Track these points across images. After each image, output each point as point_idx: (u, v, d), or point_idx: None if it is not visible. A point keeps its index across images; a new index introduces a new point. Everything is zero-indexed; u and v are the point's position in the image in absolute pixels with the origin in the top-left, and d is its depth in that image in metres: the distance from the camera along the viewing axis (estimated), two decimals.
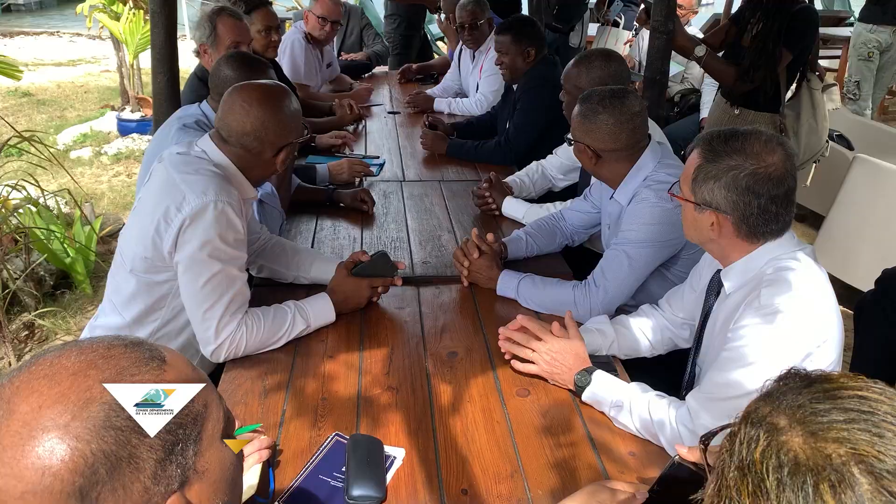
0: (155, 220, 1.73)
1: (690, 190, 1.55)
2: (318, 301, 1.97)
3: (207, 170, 1.78)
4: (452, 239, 2.58)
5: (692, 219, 1.57)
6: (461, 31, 4.23)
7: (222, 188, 1.75)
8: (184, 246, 1.72)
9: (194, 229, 1.71)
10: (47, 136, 6.96)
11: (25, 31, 15.88)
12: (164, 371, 0.74)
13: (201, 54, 2.85)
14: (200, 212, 1.70)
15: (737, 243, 1.54)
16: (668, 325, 1.89)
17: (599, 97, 2.02)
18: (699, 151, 1.53)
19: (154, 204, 1.76)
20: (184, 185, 1.73)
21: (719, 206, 1.50)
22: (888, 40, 5.39)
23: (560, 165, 2.93)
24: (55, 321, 3.68)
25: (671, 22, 2.89)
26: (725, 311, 1.60)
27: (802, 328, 1.40)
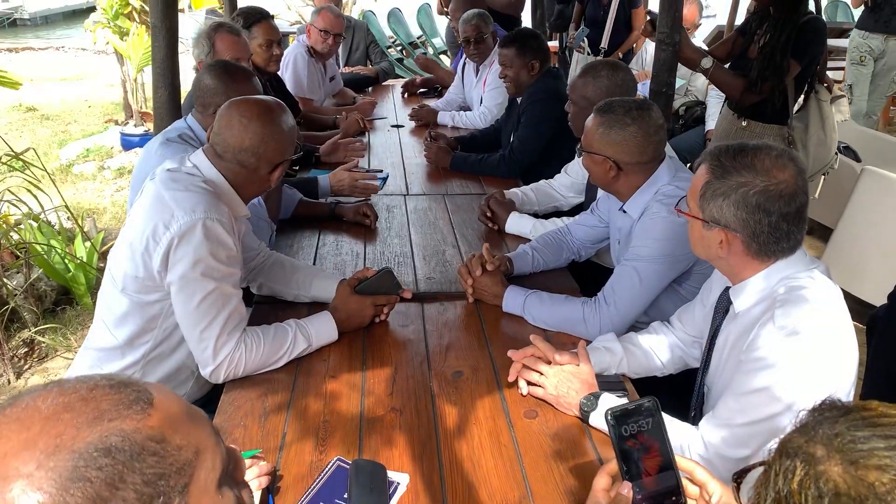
0: (144, 239, 1.70)
1: (698, 206, 1.50)
2: (320, 320, 1.92)
3: (197, 186, 1.74)
4: (457, 254, 2.53)
5: (700, 236, 1.53)
6: (466, 45, 4.21)
7: (212, 205, 1.71)
8: (175, 266, 1.68)
9: (184, 248, 1.67)
10: (49, 152, 6.96)
11: (31, 47, 15.98)
12: (149, 415, 0.67)
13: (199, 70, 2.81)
14: (189, 230, 1.66)
15: (747, 261, 1.50)
16: (680, 344, 1.84)
17: (624, 108, 1.98)
18: (707, 167, 1.49)
19: (143, 222, 1.72)
20: (172, 203, 1.70)
21: (728, 224, 1.46)
22: (880, 47, 5.49)
23: (571, 184, 2.88)
24: (55, 338, 3.65)
25: (677, 34, 2.85)
26: (735, 331, 1.56)
27: (819, 350, 1.36)
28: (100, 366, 1.85)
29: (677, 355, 1.84)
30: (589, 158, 2.05)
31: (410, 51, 9.77)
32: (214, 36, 2.76)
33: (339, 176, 2.99)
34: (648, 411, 1.09)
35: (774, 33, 2.79)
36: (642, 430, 1.09)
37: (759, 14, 2.98)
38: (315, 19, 4.19)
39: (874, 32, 5.48)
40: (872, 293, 3.36)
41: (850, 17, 8.58)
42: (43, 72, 12.35)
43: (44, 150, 7.05)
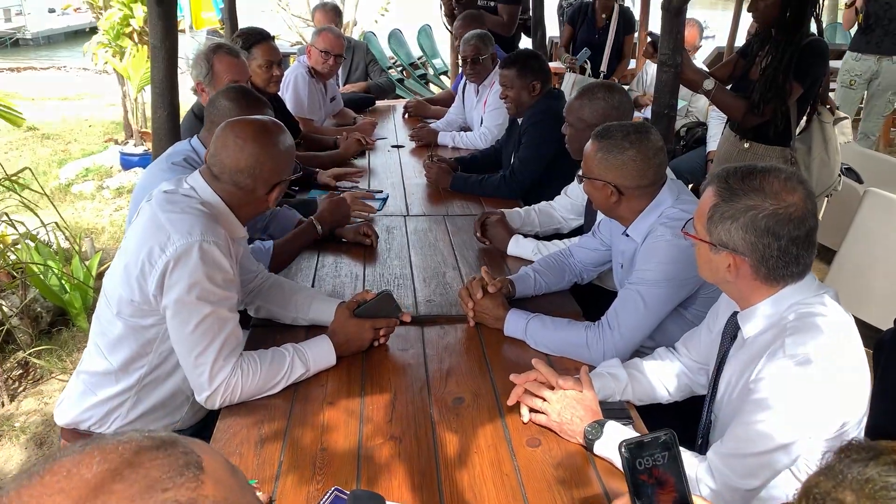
0: (139, 262, 1.66)
1: (706, 229, 1.48)
2: (318, 344, 1.88)
3: (194, 208, 1.71)
4: (457, 276, 2.50)
5: (707, 259, 1.50)
6: (464, 65, 4.21)
7: (208, 227, 1.68)
8: (170, 289, 1.65)
9: (180, 271, 1.63)
10: (49, 171, 6.95)
11: (33, 66, 16.06)
12: (202, 482, 0.61)
13: (198, 92, 2.79)
14: (185, 253, 1.63)
15: (755, 286, 1.47)
16: (686, 371, 1.81)
17: (623, 132, 1.96)
18: (715, 189, 1.46)
19: (139, 244, 1.69)
20: (168, 225, 1.67)
21: (737, 248, 1.43)
22: (873, 68, 5.53)
23: (571, 206, 2.86)
24: (50, 359, 3.60)
25: (679, 55, 2.84)
26: (744, 357, 1.52)
27: (831, 379, 1.32)
28: (93, 391, 1.81)
29: (683, 382, 1.80)
30: (589, 184, 2.03)
31: (411, 71, 9.81)
32: (213, 57, 2.73)
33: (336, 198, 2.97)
34: (665, 445, 1.05)
35: (776, 55, 2.78)
36: (657, 464, 1.05)
37: (761, 36, 2.97)
38: (316, 40, 4.19)
39: (866, 53, 5.52)
40: (877, 316, 3.32)
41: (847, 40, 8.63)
42: (44, 91, 12.39)
43: (43, 170, 7.05)
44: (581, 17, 5.58)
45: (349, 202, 2.94)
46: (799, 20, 2.78)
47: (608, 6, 5.46)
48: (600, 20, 5.49)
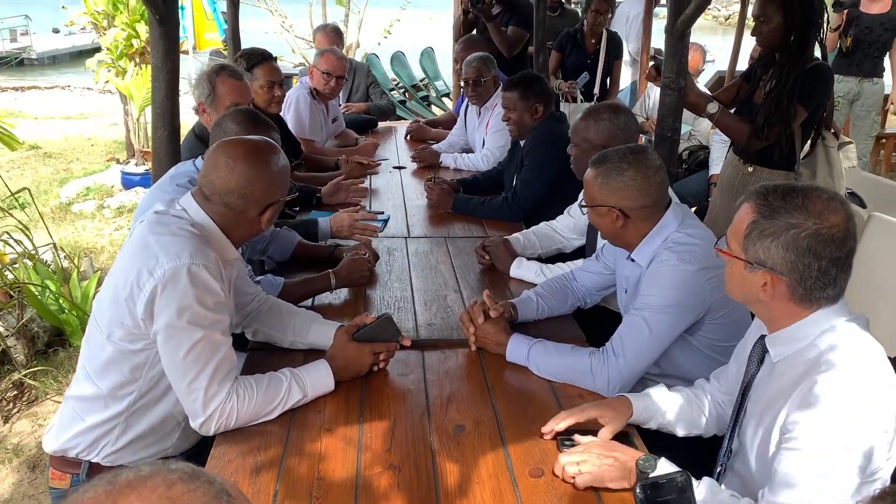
0: (128, 285, 1.63)
1: (741, 246, 1.43)
2: (316, 368, 1.84)
3: (184, 230, 1.68)
4: (459, 299, 2.47)
5: (740, 278, 1.46)
6: (465, 86, 4.21)
7: (198, 250, 1.65)
8: (160, 314, 1.61)
9: (169, 295, 1.60)
10: (50, 190, 6.94)
11: (37, 86, 16.16)
12: None
13: (200, 113, 2.76)
14: (173, 276, 1.60)
15: (788, 307, 1.43)
16: (719, 402, 1.77)
17: (619, 155, 1.94)
18: (753, 206, 1.43)
19: (128, 267, 1.66)
20: (157, 247, 1.64)
21: (774, 267, 1.39)
22: (855, 89, 5.65)
23: (573, 226, 2.83)
24: (45, 380, 3.56)
25: (682, 79, 2.83)
26: (773, 385, 1.47)
27: (868, 420, 1.29)
28: (81, 417, 1.77)
29: (719, 413, 1.76)
30: (594, 213, 2.00)
31: (413, 93, 9.84)
32: (216, 79, 2.70)
33: (339, 219, 2.93)
34: (680, 487, 1.01)
35: (781, 78, 2.76)
36: None
37: (764, 59, 2.96)
38: (318, 61, 4.19)
39: (848, 76, 5.64)
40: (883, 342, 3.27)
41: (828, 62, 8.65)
42: (48, 110, 12.44)
43: (44, 189, 7.05)
44: (570, 43, 5.51)
45: (349, 223, 2.92)
46: (803, 44, 2.77)
47: (597, 31, 5.44)
48: (590, 45, 5.46)
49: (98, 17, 6.68)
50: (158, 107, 2.78)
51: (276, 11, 10.73)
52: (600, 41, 5.47)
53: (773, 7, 2.76)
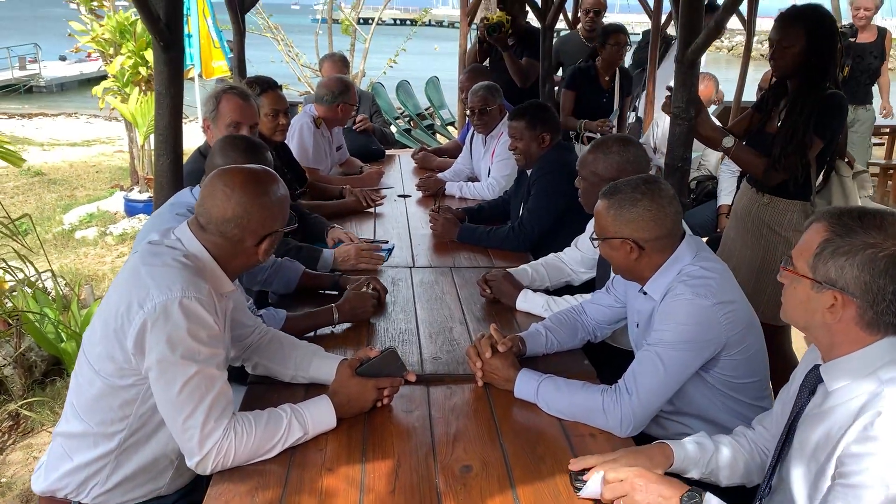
0: (118, 317, 1.58)
1: (809, 265, 1.38)
2: (317, 404, 1.78)
3: (177, 261, 1.63)
4: (465, 332, 2.40)
5: (805, 298, 1.40)
6: (471, 115, 4.19)
7: (190, 282, 1.59)
8: (152, 350, 1.55)
9: (161, 330, 1.54)
10: (53, 216, 6.92)
11: (45, 112, 16.29)
12: None
13: (206, 130, 2.79)
14: (164, 310, 1.54)
15: (853, 332, 1.37)
16: (763, 449, 1.70)
17: (632, 186, 1.89)
18: (826, 224, 1.38)
19: (118, 299, 1.60)
20: (149, 279, 1.58)
21: (846, 287, 1.33)
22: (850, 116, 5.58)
23: (581, 259, 2.77)
24: (42, 412, 3.49)
25: (692, 109, 2.79)
26: (827, 417, 1.39)
27: None
28: (69, 455, 1.70)
29: (763, 461, 1.69)
30: (606, 245, 1.95)
31: (418, 122, 9.88)
32: (221, 96, 2.72)
33: (345, 252, 2.91)
34: None
35: (796, 108, 2.71)
36: None
37: (776, 88, 2.91)
38: (349, 97, 4.19)
39: None
40: None
41: None
42: (54, 137, 12.51)
43: (47, 215, 7.03)
44: (584, 80, 5.04)
45: (355, 253, 2.88)
46: (822, 71, 2.70)
47: (613, 66, 5.07)
48: (605, 82, 5.06)
49: (105, 44, 6.71)
50: (161, 134, 2.75)
51: (282, 40, 10.82)
52: (614, 77, 5.11)
53: (795, 31, 2.69)
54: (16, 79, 21.75)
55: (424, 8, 14.96)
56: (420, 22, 12.78)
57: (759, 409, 1.98)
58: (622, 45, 4.95)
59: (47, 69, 23.06)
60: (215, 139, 2.74)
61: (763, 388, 2.00)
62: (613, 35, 4.91)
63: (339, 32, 11.21)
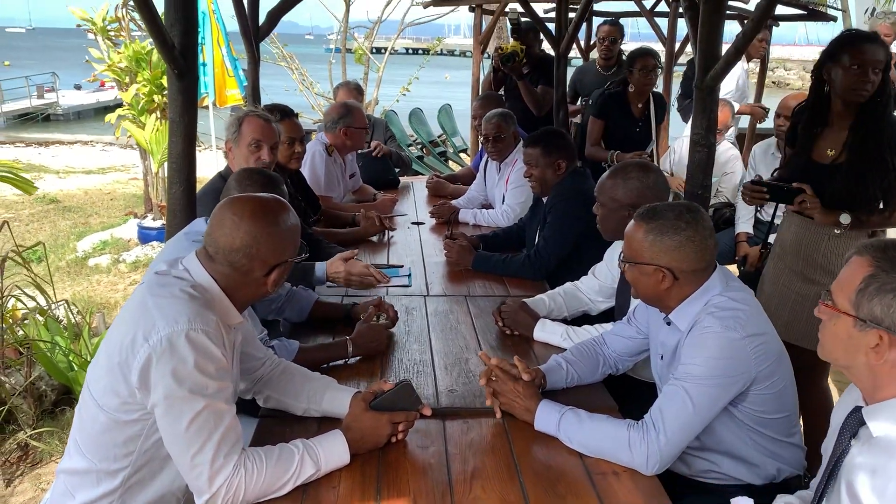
0: (123, 350, 1.53)
1: (851, 302, 1.31)
2: (330, 440, 1.72)
3: (184, 292, 1.58)
4: (481, 363, 2.31)
5: (845, 336, 1.33)
6: (485, 142, 4.17)
7: (198, 314, 1.55)
8: (157, 385, 1.50)
9: (166, 364, 1.49)
10: (67, 244, 6.94)
11: (61, 140, 16.50)
12: None
13: (227, 153, 2.84)
14: (170, 343, 1.50)
15: None
16: None
17: (675, 213, 1.82)
18: (869, 258, 1.31)
19: (124, 330, 1.56)
20: (155, 311, 1.54)
21: (893, 327, 1.27)
22: None
23: (599, 288, 2.70)
24: (51, 442, 3.44)
25: (712, 135, 2.75)
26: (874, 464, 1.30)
27: None
28: (72, 493, 1.65)
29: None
30: (637, 270, 1.88)
31: (431, 149, 9.90)
32: (244, 118, 2.81)
33: (335, 266, 2.88)
34: None
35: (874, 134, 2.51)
36: None
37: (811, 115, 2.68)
38: (352, 120, 4.18)
39: None
40: None
41: None
42: (70, 164, 12.63)
43: (62, 242, 7.05)
44: (615, 107, 4.64)
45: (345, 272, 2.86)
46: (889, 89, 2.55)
47: (645, 93, 4.62)
48: (638, 110, 4.64)
49: (121, 73, 6.77)
50: (175, 161, 2.73)
51: (296, 69, 10.92)
52: (648, 105, 4.66)
53: (883, 51, 2.53)
54: (34, 107, 22.12)
55: (437, 37, 15.09)
56: (433, 51, 12.88)
57: (789, 445, 1.91)
58: (650, 69, 4.52)
59: (65, 98, 23.44)
60: (237, 161, 2.78)
61: (793, 424, 1.92)
62: (639, 59, 4.55)
63: (352, 62, 11.32)
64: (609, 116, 4.64)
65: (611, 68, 5.45)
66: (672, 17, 7.29)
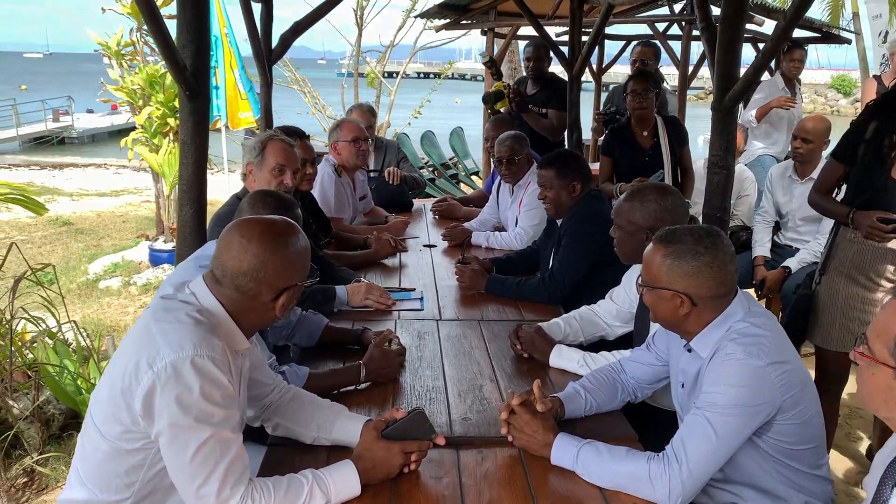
0: (126, 376, 1.49)
1: (891, 351, 1.24)
2: (340, 470, 1.66)
3: (189, 317, 1.54)
4: (495, 389, 2.28)
5: (885, 387, 1.26)
6: (498, 165, 4.13)
7: (203, 340, 1.50)
8: (162, 413, 1.46)
9: (171, 392, 1.45)
10: (78, 266, 6.94)
11: (75, 163, 16.65)
12: None
13: (246, 175, 2.86)
14: (175, 371, 1.45)
15: None
16: None
17: (694, 237, 1.77)
18: None
19: (127, 357, 1.51)
20: (159, 337, 1.49)
21: None
22: None
23: (617, 313, 2.65)
24: (57, 467, 3.38)
25: (730, 157, 2.70)
26: None
27: None
28: None
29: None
30: (654, 295, 1.82)
31: (442, 171, 9.90)
32: (268, 142, 2.83)
33: (355, 287, 2.93)
34: None
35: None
36: None
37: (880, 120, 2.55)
38: (340, 135, 4.16)
39: None
40: None
41: None
42: (84, 187, 12.71)
43: (73, 264, 7.06)
44: (619, 141, 4.31)
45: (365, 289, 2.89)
46: None
47: (647, 120, 4.23)
48: (644, 139, 4.25)
49: (135, 96, 6.81)
50: (185, 183, 2.71)
51: (308, 93, 10.99)
52: (655, 131, 4.26)
53: None
54: (49, 130, 22.41)
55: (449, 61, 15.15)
56: (444, 75, 12.94)
57: (817, 477, 1.83)
58: (639, 92, 4.15)
59: (79, 121, 23.73)
60: (257, 184, 2.77)
61: (820, 456, 1.84)
62: (630, 82, 4.28)
63: (364, 85, 11.38)
64: (614, 152, 4.36)
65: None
66: (685, 40, 7.29)
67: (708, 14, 2.98)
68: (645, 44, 5.48)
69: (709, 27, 2.86)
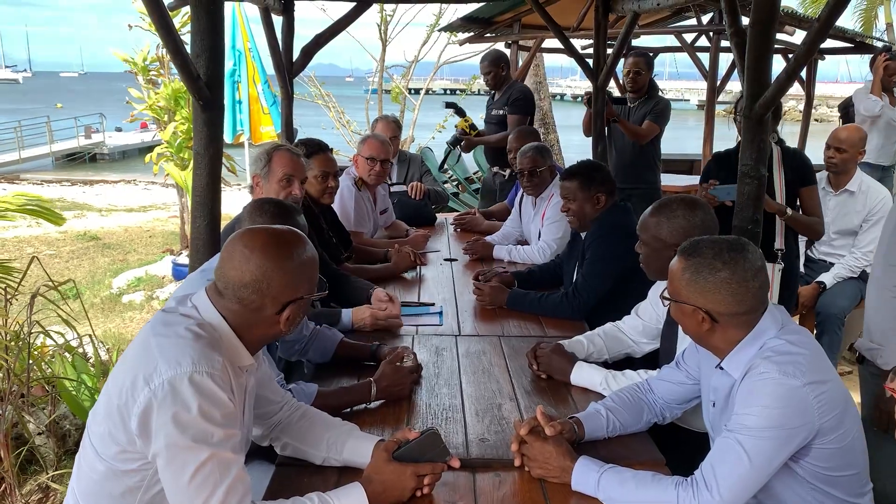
0: (123, 393, 1.42)
1: None
2: (348, 493, 1.58)
3: (189, 331, 1.47)
4: (515, 409, 2.18)
5: None
6: (520, 177, 4.05)
7: (203, 355, 1.43)
8: (159, 433, 1.39)
9: (168, 410, 1.38)
10: (103, 280, 6.98)
11: (105, 179, 16.93)
12: None
13: (254, 187, 2.82)
14: (172, 388, 1.38)
15: None
16: None
17: (715, 250, 1.68)
18: None
19: (125, 373, 1.45)
20: (157, 352, 1.43)
21: None
22: None
23: (643, 329, 2.53)
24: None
25: (762, 166, 2.58)
26: None
27: None
28: None
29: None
30: (677, 308, 1.73)
31: (466, 185, 9.83)
32: (273, 153, 2.79)
33: (361, 313, 2.81)
34: None
35: None
36: None
37: None
38: (361, 148, 4.11)
39: None
40: None
41: None
42: (113, 203, 12.89)
43: (98, 279, 7.10)
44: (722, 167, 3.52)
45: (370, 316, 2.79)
46: None
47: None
48: None
49: (160, 111, 6.86)
50: (199, 195, 2.66)
51: (333, 107, 11.03)
52: None
53: None
54: (81, 147, 22.87)
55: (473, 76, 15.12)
56: (469, 90, 12.90)
57: None
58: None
59: (111, 138, 24.19)
60: (266, 195, 2.73)
61: (863, 483, 1.72)
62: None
63: (389, 101, 11.39)
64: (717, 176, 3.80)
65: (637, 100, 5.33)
66: (714, 52, 7.16)
67: (737, 19, 2.88)
68: (637, 53, 5.41)
69: (738, 32, 2.76)
